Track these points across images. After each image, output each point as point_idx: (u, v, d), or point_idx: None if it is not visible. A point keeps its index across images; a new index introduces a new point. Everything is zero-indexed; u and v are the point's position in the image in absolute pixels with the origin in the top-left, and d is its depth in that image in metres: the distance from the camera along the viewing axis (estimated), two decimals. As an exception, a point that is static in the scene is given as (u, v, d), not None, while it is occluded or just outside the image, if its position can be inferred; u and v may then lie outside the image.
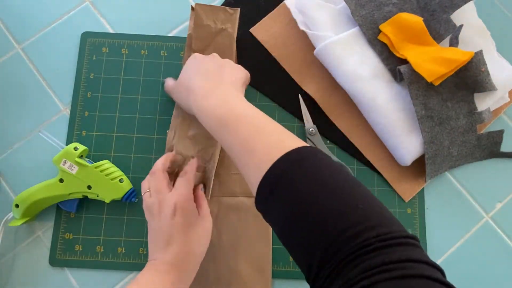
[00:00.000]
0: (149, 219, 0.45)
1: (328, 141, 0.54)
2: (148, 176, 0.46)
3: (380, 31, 0.52)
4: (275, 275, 0.50)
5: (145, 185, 0.46)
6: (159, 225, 0.43)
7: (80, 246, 0.51)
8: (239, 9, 0.51)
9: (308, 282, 0.30)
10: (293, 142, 0.34)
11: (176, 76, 0.55)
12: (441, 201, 0.53)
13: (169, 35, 0.57)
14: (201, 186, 0.48)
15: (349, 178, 0.31)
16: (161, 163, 0.46)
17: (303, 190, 0.30)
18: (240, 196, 0.52)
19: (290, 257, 0.51)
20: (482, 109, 0.51)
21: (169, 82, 0.51)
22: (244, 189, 0.52)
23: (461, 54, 0.48)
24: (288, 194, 0.31)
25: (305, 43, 0.54)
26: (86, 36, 0.56)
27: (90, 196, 0.50)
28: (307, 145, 0.33)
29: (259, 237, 0.50)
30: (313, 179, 0.30)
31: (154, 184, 0.45)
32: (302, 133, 0.54)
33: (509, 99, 0.54)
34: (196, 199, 0.46)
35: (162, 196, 0.44)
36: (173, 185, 0.46)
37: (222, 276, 0.49)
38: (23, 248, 0.52)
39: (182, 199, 0.43)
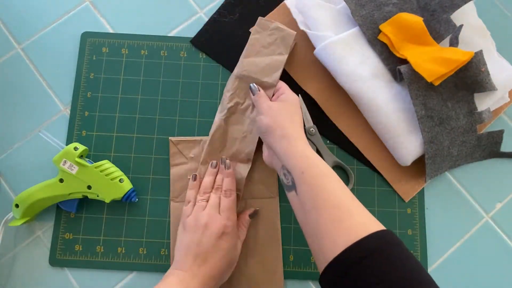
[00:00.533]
0: (190, 229, 0.45)
1: (328, 141, 0.54)
2: (212, 193, 0.48)
3: (380, 31, 0.52)
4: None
5: (191, 195, 0.48)
6: (199, 239, 0.44)
7: (80, 246, 0.51)
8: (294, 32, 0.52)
9: None
10: (374, 223, 0.35)
11: (175, 76, 0.55)
12: (441, 201, 0.53)
13: (169, 35, 0.57)
14: (249, 212, 0.50)
15: (424, 271, 0.32)
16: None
17: (387, 277, 0.31)
18: (248, 199, 0.51)
19: (291, 257, 0.51)
20: (482, 109, 0.51)
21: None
22: (252, 192, 0.52)
23: (461, 54, 0.48)
24: (369, 277, 0.31)
25: (305, 43, 0.54)
26: (86, 36, 0.56)
27: (90, 196, 0.50)
28: (385, 228, 0.34)
29: (268, 238, 0.51)
30: (397, 267, 0.32)
31: (215, 200, 0.47)
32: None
33: (509, 99, 0.54)
34: (240, 221, 0.49)
35: (214, 214, 0.45)
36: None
37: (233, 278, 0.49)
38: (23, 248, 0.52)
39: (231, 224, 0.45)
